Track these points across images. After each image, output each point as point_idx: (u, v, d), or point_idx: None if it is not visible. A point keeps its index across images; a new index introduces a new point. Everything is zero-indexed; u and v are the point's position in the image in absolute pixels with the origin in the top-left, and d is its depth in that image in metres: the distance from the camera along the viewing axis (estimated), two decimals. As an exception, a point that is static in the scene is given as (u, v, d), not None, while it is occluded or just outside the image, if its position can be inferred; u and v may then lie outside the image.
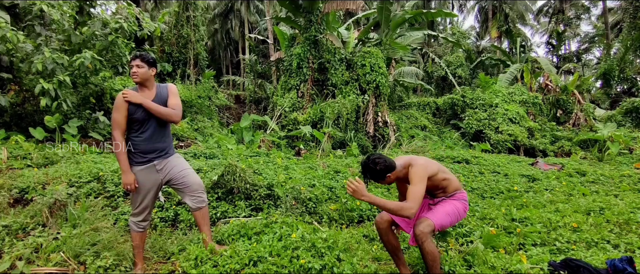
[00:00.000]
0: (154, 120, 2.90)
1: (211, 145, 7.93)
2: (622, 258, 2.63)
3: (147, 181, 2.87)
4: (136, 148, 2.87)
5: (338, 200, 4.50)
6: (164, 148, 2.97)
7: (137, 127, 2.87)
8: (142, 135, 2.87)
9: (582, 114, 14.06)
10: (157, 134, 2.93)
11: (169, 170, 2.95)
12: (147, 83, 2.93)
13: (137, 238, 2.92)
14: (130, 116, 2.83)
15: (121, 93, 2.82)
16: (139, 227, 2.90)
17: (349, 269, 2.48)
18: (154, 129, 2.91)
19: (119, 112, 2.82)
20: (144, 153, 2.87)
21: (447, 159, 7.22)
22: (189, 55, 14.25)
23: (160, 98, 2.96)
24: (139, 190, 2.86)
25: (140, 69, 2.87)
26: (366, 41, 13.48)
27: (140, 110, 2.84)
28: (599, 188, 5.46)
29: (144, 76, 2.88)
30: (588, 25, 32.28)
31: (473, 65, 19.43)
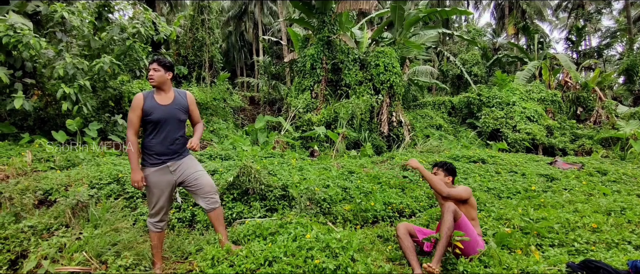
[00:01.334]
0: (169, 123, 2.97)
1: (226, 147, 8.04)
2: (644, 259, 2.57)
3: (160, 182, 2.93)
4: (151, 150, 2.94)
5: (352, 201, 4.51)
6: (177, 150, 3.03)
7: (152, 129, 2.95)
8: (157, 137, 2.93)
9: (603, 111, 13.69)
10: (172, 136, 2.99)
11: (182, 171, 3.01)
12: (163, 87, 3.00)
13: (155, 238, 2.98)
14: (146, 117, 2.91)
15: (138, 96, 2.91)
16: (156, 227, 2.97)
17: (363, 270, 2.50)
18: (168, 131, 2.97)
19: (134, 112, 2.90)
20: (158, 155, 2.94)
21: (463, 159, 7.14)
22: (204, 58, 14.46)
23: (178, 103, 3.03)
24: (153, 191, 2.93)
25: (157, 73, 2.94)
26: (380, 40, 13.43)
27: (156, 112, 2.91)
28: (620, 188, 5.31)
29: (160, 79, 2.96)
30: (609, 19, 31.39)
31: (489, 63, 19.12)
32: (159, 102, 2.96)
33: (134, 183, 2.84)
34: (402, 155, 7.53)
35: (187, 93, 3.15)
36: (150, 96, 2.97)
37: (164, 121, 2.94)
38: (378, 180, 5.37)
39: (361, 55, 11.64)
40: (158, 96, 2.98)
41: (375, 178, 5.43)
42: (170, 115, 2.97)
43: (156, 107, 2.93)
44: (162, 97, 2.99)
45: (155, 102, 2.94)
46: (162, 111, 2.94)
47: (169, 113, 2.97)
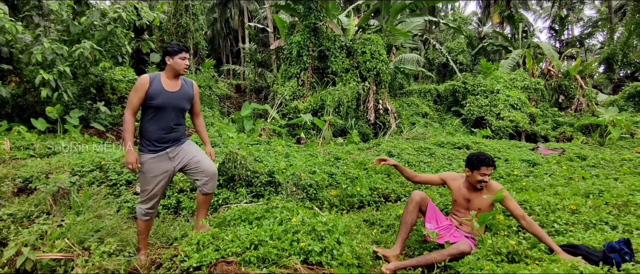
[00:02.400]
0: (171, 111, 2.88)
1: (212, 134, 7.96)
2: (619, 240, 2.65)
3: (157, 169, 2.85)
4: (149, 136, 2.85)
5: (338, 186, 4.53)
6: (177, 137, 2.96)
7: (153, 114, 2.85)
8: (157, 123, 2.84)
9: (584, 99, 14.01)
10: (172, 124, 2.91)
11: (182, 157, 2.94)
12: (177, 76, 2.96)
13: (142, 225, 2.93)
14: (148, 101, 2.81)
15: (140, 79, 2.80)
16: (146, 215, 2.89)
17: (348, 252, 2.52)
18: (169, 119, 2.88)
19: (137, 93, 2.78)
20: (157, 142, 2.85)
21: (448, 145, 7.23)
22: (188, 45, 14.20)
23: (184, 92, 2.96)
24: (147, 178, 2.84)
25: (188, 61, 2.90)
26: (366, 28, 13.38)
27: (160, 98, 2.81)
28: (599, 172, 5.47)
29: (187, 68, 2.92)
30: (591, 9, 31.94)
31: (475, 52, 19.31)
32: (166, 87, 2.86)
33: (128, 165, 2.74)
34: (388, 142, 7.58)
35: (193, 83, 3.07)
36: (157, 80, 2.85)
37: (166, 108, 2.85)
38: (364, 166, 5.41)
39: (348, 42, 11.59)
40: (166, 81, 2.88)
41: (362, 164, 5.46)
42: (174, 102, 2.88)
43: (161, 92, 2.82)
44: (169, 83, 2.89)
45: (161, 87, 2.84)
46: (166, 97, 2.84)
47: (174, 100, 2.88)
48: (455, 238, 2.86)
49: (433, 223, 2.96)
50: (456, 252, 2.63)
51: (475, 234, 2.89)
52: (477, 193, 2.97)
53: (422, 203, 3.01)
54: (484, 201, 2.93)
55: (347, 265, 2.47)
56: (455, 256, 2.63)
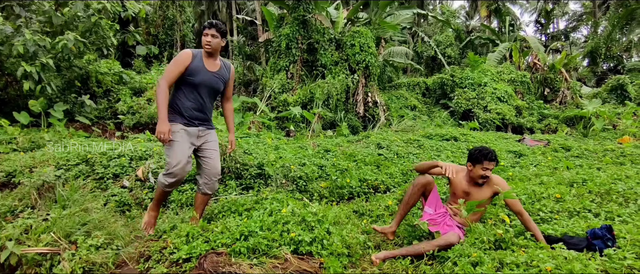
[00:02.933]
0: (208, 90, 2.90)
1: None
2: (602, 226, 2.72)
3: (187, 140, 2.85)
4: (183, 111, 2.85)
5: (328, 178, 4.54)
6: (208, 119, 3.00)
7: (189, 91, 2.85)
8: (193, 101, 2.86)
9: (568, 92, 14.26)
10: (206, 103, 2.94)
11: (205, 140, 2.98)
12: (215, 54, 2.92)
13: (161, 194, 2.93)
14: (187, 77, 2.81)
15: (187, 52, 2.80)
16: (169, 187, 2.87)
17: (338, 241, 2.54)
18: (205, 98, 2.92)
19: (177, 66, 2.77)
20: (192, 118, 2.88)
21: (436, 137, 7.30)
22: (175, 37, 14.00)
23: (222, 74, 2.97)
24: (178, 147, 2.80)
25: (214, 39, 2.84)
26: (355, 21, 13.35)
27: (199, 75, 2.81)
28: (583, 162, 5.59)
29: (216, 47, 2.87)
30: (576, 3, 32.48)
31: (462, 45, 19.43)
32: (207, 66, 2.87)
33: (159, 134, 2.68)
34: (377, 135, 7.62)
35: (231, 66, 3.08)
36: (199, 57, 2.85)
37: (203, 86, 2.86)
38: (354, 157, 5.43)
39: (337, 35, 11.56)
40: (206, 60, 2.87)
41: (351, 156, 5.48)
42: (212, 82, 2.91)
43: (202, 70, 2.84)
44: (210, 62, 2.89)
45: (202, 65, 2.84)
46: (206, 76, 2.85)
47: (211, 80, 2.90)
48: (448, 227, 2.88)
49: (432, 208, 2.96)
50: (444, 243, 2.66)
51: (465, 224, 2.92)
52: (476, 188, 2.93)
53: (428, 187, 3.01)
54: (483, 195, 2.90)
55: (337, 254, 2.49)
56: (443, 247, 2.66)
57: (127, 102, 8.65)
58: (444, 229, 2.85)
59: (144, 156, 4.83)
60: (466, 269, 2.26)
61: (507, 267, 2.27)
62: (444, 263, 2.51)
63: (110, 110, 8.68)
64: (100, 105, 8.59)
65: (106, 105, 8.69)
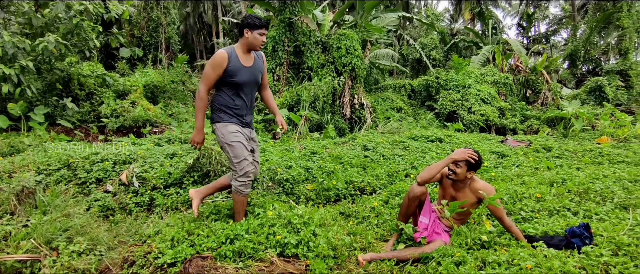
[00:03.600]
0: (251, 86, 2.92)
1: (186, 130, 7.82)
2: (580, 225, 2.80)
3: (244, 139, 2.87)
4: (234, 112, 2.87)
5: (315, 180, 4.56)
6: (251, 120, 3.03)
7: (234, 91, 2.85)
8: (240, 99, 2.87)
9: (549, 93, 14.60)
10: (251, 98, 2.98)
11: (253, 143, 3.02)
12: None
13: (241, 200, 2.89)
14: (229, 78, 2.79)
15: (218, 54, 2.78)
16: (246, 188, 2.85)
17: (324, 243, 2.55)
18: (250, 94, 2.95)
19: (215, 70, 2.75)
20: (243, 117, 2.91)
21: (421, 138, 7.39)
22: (160, 39, 13.83)
23: (258, 65, 2.98)
24: (238, 146, 2.80)
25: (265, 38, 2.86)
26: (341, 23, 13.42)
27: (240, 74, 2.80)
28: (563, 162, 5.74)
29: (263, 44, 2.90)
30: (556, 7, 33.20)
31: (447, 47, 19.71)
32: (243, 62, 2.84)
33: (194, 143, 2.69)
34: (364, 137, 7.66)
35: (262, 54, 3.07)
36: (234, 55, 2.81)
37: (247, 83, 2.86)
38: (340, 160, 5.45)
39: (323, 37, 11.60)
40: (242, 56, 2.85)
41: (338, 158, 5.51)
42: (252, 77, 2.91)
43: (240, 68, 2.82)
44: (245, 57, 2.87)
45: (239, 62, 2.82)
46: (246, 73, 2.84)
47: (252, 75, 2.90)
48: (436, 235, 2.90)
49: (426, 217, 2.95)
50: (430, 251, 2.68)
51: (448, 224, 2.97)
52: (463, 192, 2.93)
53: (422, 197, 2.98)
54: (468, 198, 2.90)
55: (323, 256, 2.50)
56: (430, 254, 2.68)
57: (111, 105, 8.51)
58: (431, 237, 2.88)
59: (128, 160, 4.76)
60: (449, 269, 2.30)
61: (490, 266, 2.32)
62: (428, 263, 2.55)
63: (93, 114, 8.53)
64: (83, 108, 8.43)
65: (89, 108, 8.54)
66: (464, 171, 2.84)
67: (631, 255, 2.29)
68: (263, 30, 2.83)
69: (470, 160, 2.79)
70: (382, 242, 3.11)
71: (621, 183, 4.00)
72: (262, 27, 2.82)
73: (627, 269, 2.15)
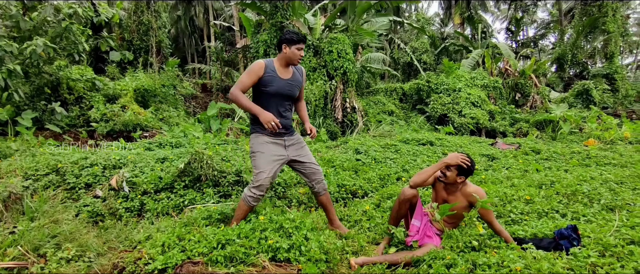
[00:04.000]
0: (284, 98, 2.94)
1: (177, 134, 7.76)
2: (568, 227, 2.84)
3: (276, 151, 2.89)
4: None
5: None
6: (289, 125, 3.02)
7: (266, 101, 2.88)
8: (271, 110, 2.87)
9: (538, 97, 14.81)
10: (283, 110, 2.98)
11: (295, 149, 3.02)
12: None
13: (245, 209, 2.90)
14: (262, 88, 2.84)
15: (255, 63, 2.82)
16: (255, 200, 2.87)
17: (316, 247, 2.55)
18: (281, 105, 2.95)
19: (250, 77, 2.79)
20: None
21: (413, 142, 7.44)
22: (150, 43, 13.74)
23: (296, 79, 2.99)
24: (265, 159, 2.82)
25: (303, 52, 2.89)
26: (333, 27, 13.48)
27: (274, 84, 2.84)
28: (551, 165, 5.82)
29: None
30: (543, 12, 33.78)
31: (437, 51, 19.92)
32: (280, 74, 2.88)
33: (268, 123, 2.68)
34: (355, 140, 7.70)
35: (303, 70, 3.09)
36: (271, 66, 2.86)
37: (279, 95, 2.89)
38: (332, 163, 5.46)
39: (315, 41, 11.63)
40: (279, 68, 2.89)
41: (329, 161, 5.52)
42: (287, 89, 2.93)
43: (275, 79, 2.86)
44: (283, 70, 2.91)
45: (276, 74, 2.86)
46: (280, 84, 2.87)
47: (287, 87, 2.92)
48: (428, 238, 2.91)
49: (418, 220, 2.96)
50: (422, 255, 2.69)
51: (439, 227, 2.99)
52: (454, 195, 2.94)
53: (413, 200, 2.98)
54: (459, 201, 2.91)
55: (315, 260, 2.50)
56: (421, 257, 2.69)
57: (101, 109, 8.43)
58: (423, 240, 2.89)
59: (118, 164, 4.71)
60: (440, 272, 2.32)
61: (480, 268, 2.35)
62: (419, 266, 2.56)
63: (82, 118, 8.43)
64: (72, 112, 8.33)
65: (78, 113, 8.44)
66: (454, 175, 2.85)
67: (617, 256, 2.33)
68: (300, 45, 2.88)
69: (462, 165, 2.81)
70: (374, 245, 3.12)
71: (608, 185, 4.08)
72: (300, 42, 2.88)
73: (613, 270, 2.19)
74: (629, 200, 3.48)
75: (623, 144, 7.87)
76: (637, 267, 2.20)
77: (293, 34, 2.87)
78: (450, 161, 2.83)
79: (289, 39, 2.87)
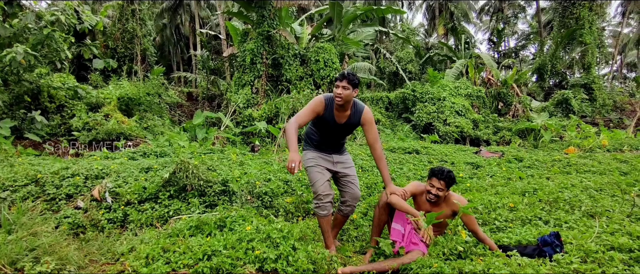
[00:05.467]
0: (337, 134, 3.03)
1: (162, 143, 7.65)
2: (550, 234, 2.89)
3: (322, 163, 2.99)
4: (314, 142, 3.07)
5: (294, 193, 4.54)
6: (339, 148, 3.13)
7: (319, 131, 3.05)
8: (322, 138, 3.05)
9: (520, 106, 15.16)
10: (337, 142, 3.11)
11: (342, 166, 3.07)
12: (346, 105, 2.89)
13: (321, 222, 2.98)
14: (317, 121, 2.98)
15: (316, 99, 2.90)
16: (321, 210, 2.91)
17: (304, 257, 2.54)
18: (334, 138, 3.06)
19: (310, 113, 2.86)
20: (323, 148, 3.06)
21: (399, 150, 7.51)
22: (135, 51, 13.59)
23: (351, 123, 2.98)
24: (315, 171, 2.93)
25: (346, 91, 2.80)
26: (319, 37, 13.59)
27: (329, 124, 2.93)
28: (533, 172, 5.94)
29: (347, 98, 2.82)
30: (524, 23, 34.75)
31: (422, 61, 20.23)
32: (336, 118, 2.92)
33: (290, 163, 2.63)
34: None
35: (364, 111, 2.97)
36: (331, 106, 2.87)
37: (333, 132, 2.99)
38: (319, 172, 5.45)
39: (301, 50, 11.70)
40: (336, 111, 2.91)
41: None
42: (338, 131, 3.00)
43: (330, 122, 2.92)
44: (339, 114, 2.91)
45: (332, 116, 2.90)
46: (333, 127, 2.95)
47: (338, 130, 2.99)
48: (413, 245, 2.93)
49: (399, 224, 2.98)
50: (409, 261, 2.70)
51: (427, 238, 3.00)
52: (438, 206, 2.97)
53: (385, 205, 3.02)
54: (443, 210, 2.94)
55: (302, 271, 2.48)
56: (408, 265, 2.70)
57: (83, 118, 8.26)
58: (409, 247, 2.91)
59: (101, 174, 4.61)
60: (428, 280, 2.33)
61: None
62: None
63: (63, 127, 8.25)
64: (53, 121, 8.14)
65: (59, 121, 8.25)
66: (444, 192, 2.96)
67: (598, 262, 2.38)
68: (337, 82, 2.84)
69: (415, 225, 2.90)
70: (361, 255, 3.12)
71: (588, 192, 4.18)
72: (337, 80, 2.86)
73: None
74: (608, 207, 3.57)
75: (601, 152, 8.10)
76: (617, 273, 2.25)
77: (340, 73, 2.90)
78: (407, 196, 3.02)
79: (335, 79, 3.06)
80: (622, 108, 17.88)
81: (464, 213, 2.84)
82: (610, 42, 33.15)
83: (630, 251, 2.47)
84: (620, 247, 2.53)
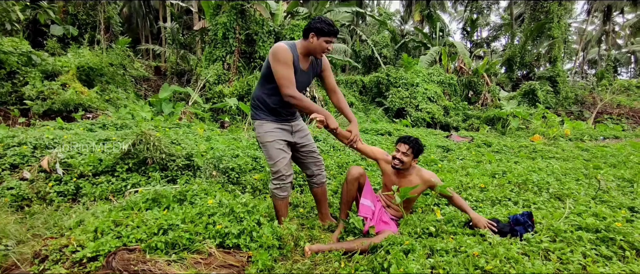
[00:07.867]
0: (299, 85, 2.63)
1: (124, 116, 7.22)
2: (523, 213, 2.87)
3: (281, 137, 2.66)
4: (272, 108, 2.66)
5: (263, 170, 4.36)
6: (295, 112, 2.80)
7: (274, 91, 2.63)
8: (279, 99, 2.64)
9: (489, 95, 15.50)
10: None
11: (301, 135, 2.80)
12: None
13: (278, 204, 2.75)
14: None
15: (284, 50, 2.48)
16: (282, 191, 2.67)
17: (269, 233, 2.38)
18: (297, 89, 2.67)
19: (289, 68, 2.47)
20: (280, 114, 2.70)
21: (372, 131, 7.44)
22: (98, 19, 12.72)
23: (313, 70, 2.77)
24: (274, 147, 2.63)
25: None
26: (295, 14, 13.21)
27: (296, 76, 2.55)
28: (502, 157, 6.03)
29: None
30: (497, 15, 35.46)
31: (397, 46, 20.23)
32: (302, 66, 2.61)
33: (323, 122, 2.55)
34: (314, 129, 7.56)
35: (323, 58, 2.76)
36: (296, 55, 2.54)
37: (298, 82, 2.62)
38: (290, 150, 5.29)
39: (276, 27, 11.33)
40: (300, 57, 2.58)
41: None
42: (303, 81, 2.69)
43: (298, 70, 2.57)
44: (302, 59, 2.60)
45: (298, 64, 2.56)
46: (300, 77, 2.62)
47: (303, 79, 2.67)
48: (384, 224, 2.84)
49: (368, 199, 2.88)
50: (379, 241, 2.61)
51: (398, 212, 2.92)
52: (407, 179, 2.90)
53: (361, 179, 2.93)
54: (412, 184, 2.87)
55: (267, 247, 2.33)
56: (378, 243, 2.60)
57: (37, 86, 7.65)
58: (379, 226, 2.81)
59: (52, 144, 4.24)
60: (398, 257, 2.24)
61: (438, 253, 2.30)
62: (376, 252, 2.47)
63: (14, 95, 7.61)
64: (2, 88, 7.50)
65: (10, 89, 7.61)
66: (410, 159, 2.85)
67: (567, 241, 2.37)
68: (331, 38, 2.51)
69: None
70: (330, 233, 3.00)
71: (554, 175, 4.25)
72: (331, 35, 2.50)
73: (564, 255, 2.22)
74: (575, 190, 3.62)
75: (564, 140, 8.38)
76: (585, 252, 2.25)
77: (325, 24, 2.49)
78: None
79: (319, 29, 2.48)
80: (583, 102, 18.68)
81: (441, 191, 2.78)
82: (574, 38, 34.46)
83: (597, 231, 2.48)
84: (587, 227, 2.53)
